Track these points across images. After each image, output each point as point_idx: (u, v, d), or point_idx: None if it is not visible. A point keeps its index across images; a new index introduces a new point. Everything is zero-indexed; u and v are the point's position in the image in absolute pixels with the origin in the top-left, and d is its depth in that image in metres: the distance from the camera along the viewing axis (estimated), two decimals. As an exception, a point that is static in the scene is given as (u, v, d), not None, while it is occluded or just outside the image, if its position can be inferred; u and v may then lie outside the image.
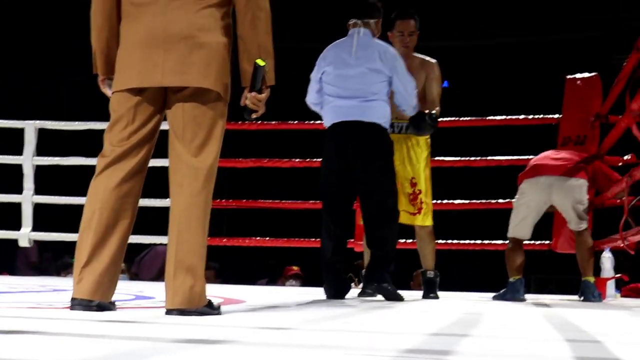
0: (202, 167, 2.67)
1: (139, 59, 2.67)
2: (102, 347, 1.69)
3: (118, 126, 2.70)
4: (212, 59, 2.68)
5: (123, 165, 2.69)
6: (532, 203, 4.52)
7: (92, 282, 2.61)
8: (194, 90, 2.67)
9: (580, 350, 1.94)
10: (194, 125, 2.68)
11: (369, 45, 4.17)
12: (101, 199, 2.65)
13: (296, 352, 1.70)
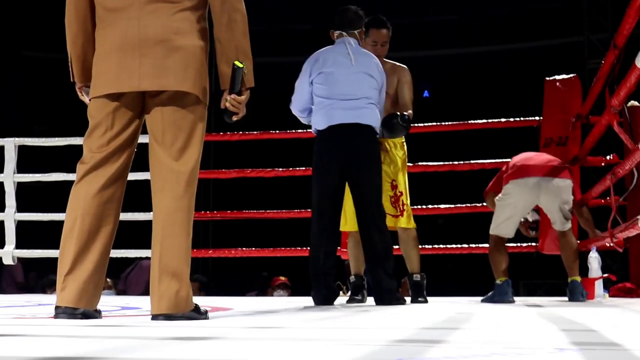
0: (184, 170, 2.64)
1: (114, 64, 2.63)
2: (89, 345, 1.66)
3: (97, 132, 2.67)
4: (189, 62, 2.66)
5: (103, 172, 2.65)
6: (519, 203, 4.51)
7: (76, 290, 2.57)
8: (172, 94, 2.65)
9: (575, 337, 1.93)
10: (174, 129, 2.65)
11: (364, 54, 4.23)
12: (82, 206, 2.61)
13: (286, 345, 1.68)
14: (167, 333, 2.03)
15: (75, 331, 2.09)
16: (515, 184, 4.49)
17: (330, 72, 4.17)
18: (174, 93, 2.64)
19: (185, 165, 2.65)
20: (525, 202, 4.51)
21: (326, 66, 4.19)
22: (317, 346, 1.61)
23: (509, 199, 4.52)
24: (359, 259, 4.56)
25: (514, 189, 4.50)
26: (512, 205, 4.51)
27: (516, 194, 4.50)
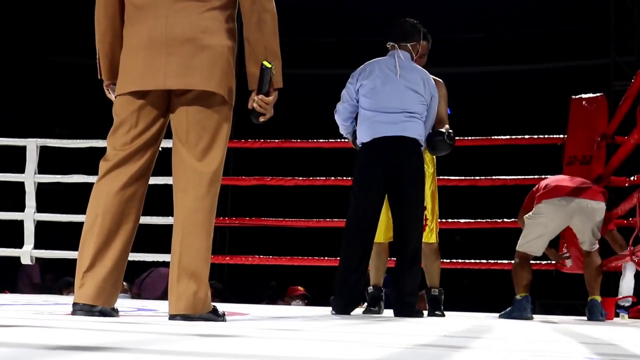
0: (207, 171, 2.62)
1: (141, 62, 2.61)
2: (107, 337, 1.64)
3: (121, 130, 2.65)
4: (216, 61, 2.63)
5: (126, 169, 2.63)
6: (550, 223, 4.47)
7: (95, 287, 2.54)
8: (197, 94, 2.62)
9: (599, 349, 1.89)
10: (198, 129, 2.63)
11: (412, 68, 4.20)
12: (104, 203, 2.59)
13: (308, 344, 1.65)
14: (185, 330, 2.01)
15: (93, 325, 2.08)
16: (548, 203, 4.45)
17: (374, 84, 4.16)
18: (199, 93, 2.62)
19: (208, 165, 2.62)
20: (557, 222, 4.47)
21: (371, 77, 4.17)
22: (339, 346, 1.59)
23: (541, 218, 4.47)
24: (380, 270, 4.54)
25: (547, 208, 4.45)
26: (543, 225, 4.47)
27: (549, 214, 4.45)
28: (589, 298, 4.47)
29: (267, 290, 9.66)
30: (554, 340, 2.25)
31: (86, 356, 1.23)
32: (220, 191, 2.68)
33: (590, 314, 4.40)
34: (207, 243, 2.61)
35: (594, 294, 4.46)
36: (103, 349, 1.36)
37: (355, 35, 13.63)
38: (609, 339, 2.47)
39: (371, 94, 4.16)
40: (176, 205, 2.62)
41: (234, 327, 2.36)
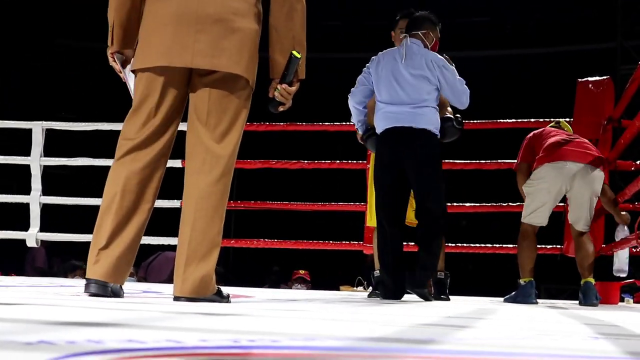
0: (224, 154, 2.58)
1: (168, 37, 2.55)
2: (113, 314, 1.65)
3: (144, 107, 2.60)
4: (245, 45, 2.61)
5: (148, 150, 2.59)
6: (553, 188, 4.32)
7: (109, 265, 2.53)
8: (223, 75, 2.59)
9: (603, 329, 1.90)
10: (220, 111, 2.60)
11: (416, 53, 4.18)
12: (124, 182, 2.56)
13: (313, 322, 1.65)
14: (189, 309, 2.02)
15: (99, 304, 2.09)
16: (551, 167, 4.31)
17: (380, 75, 4.16)
18: (225, 75, 2.59)
19: (225, 149, 2.59)
20: (560, 187, 4.28)
21: (379, 67, 4.18)
22: (342, 325, 1.59)
23: (543, 184, 4.33)
24: None
25: (550, 173, 4.31)
26: (545, 191, 4.32)
27: (551, 179, 4.31)
28: (583, 281, 4.33)
29: (270, 275, 9.69)
30: (558, 322, 2.25)
31: (89, 331, 1.23)
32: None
33: (585, 297, 4.27)
34: (219, 227, 2.60)
35: (586, 276, 4.34)
36: (106, 325, 1.36)
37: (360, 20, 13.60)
38: (613, 320, 2.47)
39: (378, 85, 4.17)
40: (188, 187, 2.59)
41: (239, 307, 2.37)
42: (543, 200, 4.34)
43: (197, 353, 1.04)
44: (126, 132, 2.61)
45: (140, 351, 1.03)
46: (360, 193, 5.95)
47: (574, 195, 4.35)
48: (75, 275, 7.47)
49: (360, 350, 1.14)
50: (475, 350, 1.19)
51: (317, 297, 3.95)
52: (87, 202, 6.21)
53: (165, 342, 1.13)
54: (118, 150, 2.61)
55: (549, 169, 4.33)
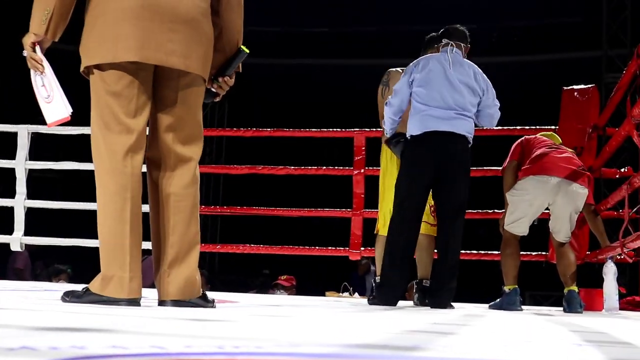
0: (195, 157, 2.58)
1: (139, 31, 2.45)
2: (97, 320, 1.64)
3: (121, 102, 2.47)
4: (208, 48, 2.60)
5: (142, 146, 2.51)
6: (535, 202, 4.33)
7: (139, 280, 2.44)
8: (191, 77, 2.56)
9: (588, 337, 1.90)
10: (186, 114, 2.57)
11: (463, 62, 4.21)
12: (132, 186, 2.44)
13: (296, 329, 1.65)
14: (174, 315, 2.01)
15: (83, 309, 2.07)
16: (535, 180, 4.30)
17: (428, 77, 4.14)
18: (194, 77, 2.56)
19: (195, 152, 2.59)
20: (542, 201, 4.30)
21: (424, 71, 4.16)
22: (329, 331, 1.59)
23: (526, 196, 4.33)
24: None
25: (533, 186, 4.31)
26: (527, 203, 4.33)
27: (534, 191, 4.31)
28: (566, 289, 4.33)
29: (259, 279, 9.67)
30: (542, 329, 2.25)
31: (73, 336, 1.22)
32: (212, 180, 2.66)
33: (569, 305, 4.27)
34: (197, 228, 2.59)
35: (570, 285, 4.35)
36: (90, 330, 1.35)
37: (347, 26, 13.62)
38: (599, 328, 2.48)
39: (425, 87, 4.14)
40: (163, 190, 2.54)
41: (223, 313, 2.36)
42: (524, 212, 4.35)
43: (181, 359, 1.04)
44: (109, 124, 2.48)
45: (123, 357, 1.02)
46: (346, 199, 5.95)
47: (556, 209, 4.36)
48: (60, 280, 7.43)
49: (346, 357, 1.13)
50: (460, 357, 1.19)
51: (302, 303, 3.94)
52: (72, 206, 6.18)
53: (149, 347, 1.12)
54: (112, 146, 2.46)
55: (534, 182, 4.32)
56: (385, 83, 4.57)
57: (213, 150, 12.01)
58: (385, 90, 4.53)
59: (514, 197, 4.40)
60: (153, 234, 2.57)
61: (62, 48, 2.59)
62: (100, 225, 2.46)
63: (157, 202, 2.56)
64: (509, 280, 4.39)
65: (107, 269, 2.43)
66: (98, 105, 2.51)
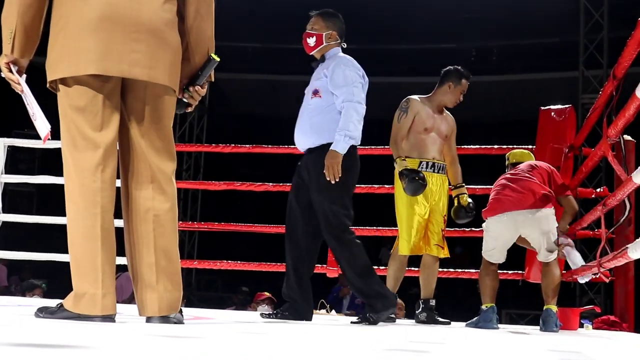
0: (170, 170, 2.55)
1: (100, 43, 2.41)
2: (70, 336, 1.62)
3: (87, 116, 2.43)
4: (175, 58, 2.56)
5: (114, 159, 2.47)
6: (500, 237, 4.42)
7: (113, 296, 2.40)
8: (158, 88, 2.52)
9: (561, 355, 1.91)
10: (157, 125, 2.54)
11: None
12: (101, 202, 2.40)
13: (278, 346, 1.64)
14: (144, 331, 1.99)
15: (54, 325, 2.05)
16: (494, 220, 4.41)
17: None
18: (161, 87, 2.52)
19: (170, 164, 2.55)
20: (505, 236, 4.40)
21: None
22: (304, 348, 1.58)
23: (490, 233, 4.44)
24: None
25: (492, 224, 4.43)
26: (493, 238, 4.43)
27: (495, 230, 4.42)
28: (545, 307, 4.36)
29: (237, 295, 9.62)
30: (520, 347, 2.26)
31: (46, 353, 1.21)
32: (189, 195, 2.64)
33: (545, 324, 4.28)
34: (177, 242, 2.57)
35: (549, 303, 4.37)
36: (63, 347, 1.34)
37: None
38: (573, 347, 2.49)
39: None
40: (141, 205, 2.50)
41: (197, 329, 2.34)
42: (493, 245, 4.44)
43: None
44: (82, 141, 2.44)
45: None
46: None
47: (526, 236, 4.45)
48: (34, 295, 7.35)
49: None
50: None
51: (278, 320, 3.92)
52: (48, 220, 6.13)
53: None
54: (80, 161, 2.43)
55: (493, 222, 4.43)
56: (405, 109, 4.61)
57: (191, 166, 11.97)
58: (403, 117, 4.58)
59: (484, 231, 4.49)
60: (129, 250, 2.53)
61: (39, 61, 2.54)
62: (71, 243, 2.42)
63: (133, 216, 2.52)
64: (486, 298, 4.44)
65: (79, 286, 2.39)
66: (64, 121, 2.48)
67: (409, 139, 4.59)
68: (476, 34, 13.75)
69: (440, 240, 4.59)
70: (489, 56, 13.78)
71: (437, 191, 4.60)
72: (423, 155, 4.59)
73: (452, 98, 4.71)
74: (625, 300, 5.24)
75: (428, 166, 4.58)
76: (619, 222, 4.54)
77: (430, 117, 4.63)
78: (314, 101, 3.92)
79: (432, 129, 4.62)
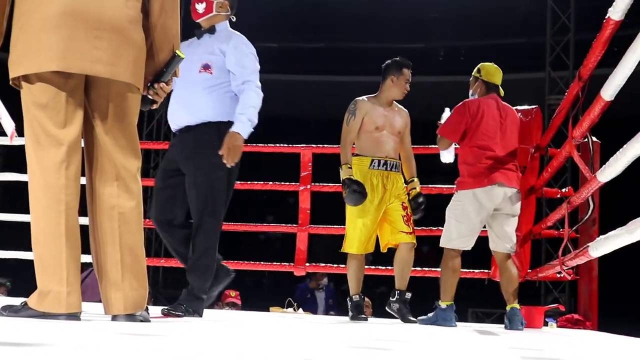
0: (135, 168, 2.54)
1: (62, 39, 2.39)
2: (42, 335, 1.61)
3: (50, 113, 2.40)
4: (139, 56, 2.55)
5: (77, 156, 2.44)
6: (484, 212, 4.32)
7: (79, 294, 2.38)
8: (121, 85, 2.51)
9: (523, 353, 1.93)
10: (121, 122, 2.53)
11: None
12: (65, 199, 2.38)
13: (246, 345, 1.64)
14: (111, 329, 1.98)
15: (18, 324, 2.04)
16: (482, 191, 4.31)
17: None
18: (123, 85, 2.51)
19: (136, 162, 2.55)
20: (489, 211, 4.33)
21: None
22: (270, 346, 1.59)
23: (472, 206, 4.32)
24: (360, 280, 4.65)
25: (482, 196, 4.31)
26: (476, 213, 4.31)
27: (483, 202, 4.31)
28: (509, 307, 4.35)
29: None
30: (482, 345, 2.28)
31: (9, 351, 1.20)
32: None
33: (511, 322, 4.29)
34: (142, 239, 2.56)
35: (512, 302, 4.37)
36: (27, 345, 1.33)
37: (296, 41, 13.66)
38: (536, 345, 2.52)
39: None
40: (106, 202, 2.49)
41: (164, 327, 2.34)
42: (473, 224, 4.35)
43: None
44: (46, 138, 2.41)
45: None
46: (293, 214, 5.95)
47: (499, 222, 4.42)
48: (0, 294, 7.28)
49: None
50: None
51: (245, 318, 3.92)
52: (13, 218, 6.06)
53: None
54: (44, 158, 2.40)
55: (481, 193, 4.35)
56: (352, 112, 4.64)
57: (159, 164, 11.92)
58: (351, 119, 4.62)
59: (456, 211, 4.42)
60: (94, 247, 2.51)
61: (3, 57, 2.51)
62: (35, 241, 2.40)
63: (98, 214, 2.50)
64: (446, 296, 4.36)
65: (44, 284, 2.37)
66: (27, 118, 2.45)
67: (361, 138, 4.63)
68: (444, 34, 13.84)
69: (405, 227, 4.53)
70: (457, 56, 13.87)
71: (391, 189, 4.59)
72: (376, 154, 4.60)
73: (397, 91, 4.71)
74: (589, 299, 5.31)
75: (380, 164, 4.59)
76: (582, 221, 4.58)
77: (380, 115, 4.65)
78: (203, 76, 3.67)
79: (384, 127, 4.64)
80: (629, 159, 2.90)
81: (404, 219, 4.56)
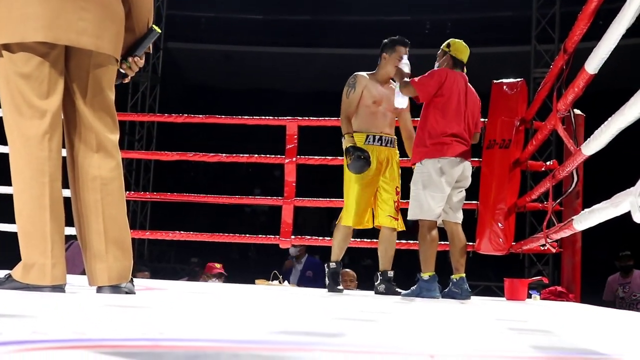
0: (115, 139, 2.54)
1: (48, 10, 2.37)
2: (22, 306, 1.60)
3: (32, 84, 2.39)
4: (120, 28, 2.55)
5: (59, 128, 2.43)
6: (452, 181, 4.39)
7: (64, 266, 2.38)
8: (103, 57, 2.51)
9: (509, 324, 1.94)
10: (100, 94, 2.52)
11: None
12: (49, 170, 2.36)
13: (232, 316, 1.65)
14: (99, 302, 1.98)
15: (2, 295, 2.03)
16: (449, 161, 4.37)
17: None
18: (106, 57, 2.51)
19: (116, 133, 2.55)
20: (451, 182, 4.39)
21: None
22: (256, 317, 1.59)
23: (441, 176, 4.37)
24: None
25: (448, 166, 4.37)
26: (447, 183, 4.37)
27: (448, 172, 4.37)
28: (458, 276, 4.40)
29: (190, 267, 9.61)
30: (468, 317, 2.30)
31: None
32: (142, 166, 2.61)
33: (462, 291, 4.37)
34: (125, 210, 2.55)
35: (461, 272, 4.42)
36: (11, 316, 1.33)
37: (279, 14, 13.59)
38: (520, 316, 2.54)
39: None
40: (87, 174, 2.48)
41: (150, 300, 2.34)
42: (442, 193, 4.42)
43: (103, 345, 1.02)
44: (28, 109, 2.39)
45: (43, 342, 1.00)
46: (279, 187, 5.94)
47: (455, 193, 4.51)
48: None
49: (270, 344, 1.14)
50: (380, 343, 1.20)
51: (231, 291, 3.93)
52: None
53: (71, 334, 1.10)
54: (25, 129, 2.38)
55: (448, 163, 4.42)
56: (352, 85, 4.69)
57: (144, 136, 11.85)
58: (351, 92, 4.67)
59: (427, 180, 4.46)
60: (77, 219, 2.50)
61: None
62: (18, 213, 2.38)
63: (81, 185, 2.49)
64: (427, 267, 4.37)
65: (28, 257, 2.36)
66: (8, 88, 2.42)
67: (359, 113, 4.67)
68: (430, 7, 13.80)
69: (393, 212, 4.62)
70: (443, 29, 13.84)
71: (386, 164, 4.63)
72: (371, 129, 4.64)
73: (391, 68, 4.72)
74: (572, 272, 5.36)
75: (375, 140, 4.63)
76: (566, 194, 4.61)
77: (378, 90, 4.70)
78: None
79: (381, 102, 4.68)
80: (613, 132, 2.91)
81: (395, 205, 4.62)
